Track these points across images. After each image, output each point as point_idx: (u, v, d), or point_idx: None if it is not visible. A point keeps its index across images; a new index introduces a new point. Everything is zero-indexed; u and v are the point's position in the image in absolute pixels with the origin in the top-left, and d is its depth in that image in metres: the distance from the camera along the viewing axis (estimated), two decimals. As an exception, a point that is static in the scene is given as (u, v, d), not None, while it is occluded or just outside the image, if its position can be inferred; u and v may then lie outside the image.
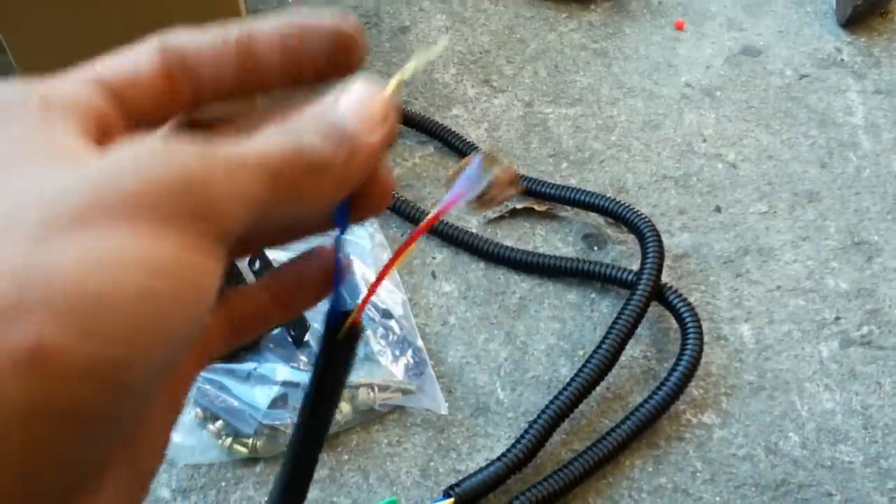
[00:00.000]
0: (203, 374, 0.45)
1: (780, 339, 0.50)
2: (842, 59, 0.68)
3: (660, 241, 0.50)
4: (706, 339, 0.49)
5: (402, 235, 0.54)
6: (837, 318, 0.51)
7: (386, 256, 0.52)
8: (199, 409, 0.44)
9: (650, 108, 0.63)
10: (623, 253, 0.54)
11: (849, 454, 0.45)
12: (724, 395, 0.47)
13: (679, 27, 0.70)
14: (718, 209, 0.57)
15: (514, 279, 0.52)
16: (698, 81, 0.66)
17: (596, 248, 0.54)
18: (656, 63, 0.67)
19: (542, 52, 0.67)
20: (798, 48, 0.69)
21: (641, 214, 0.51)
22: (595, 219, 0.56)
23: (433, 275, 0.52)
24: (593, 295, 0.52)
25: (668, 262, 0.52)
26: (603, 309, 0.51)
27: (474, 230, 0.54)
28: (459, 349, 0.49)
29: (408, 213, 0.54)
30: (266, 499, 0.43)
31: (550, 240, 0.55)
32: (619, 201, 0.52)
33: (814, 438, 0.46)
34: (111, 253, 0.13)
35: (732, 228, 0.56)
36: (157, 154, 0.15)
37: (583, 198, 0.53)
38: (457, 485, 0.42)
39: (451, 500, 0.41)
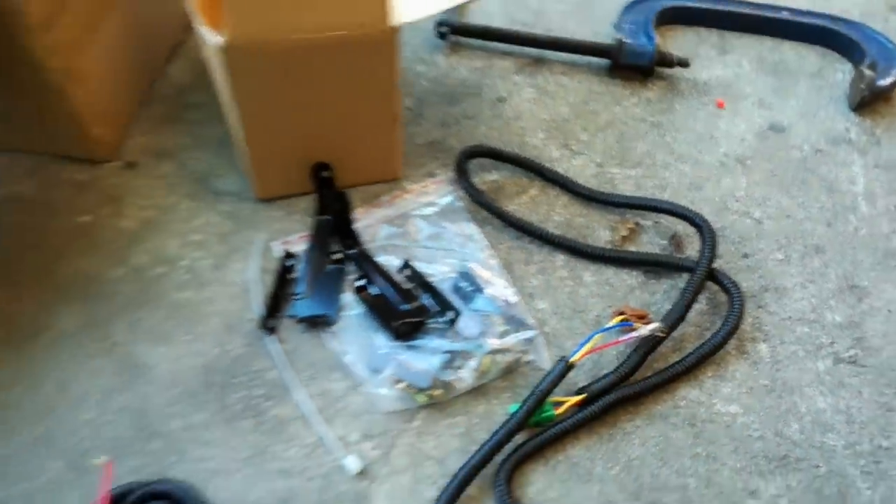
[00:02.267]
0: (390, 348, 0.64)
1: (789, 356, 0.67)
2: (850, 138, 0.86)
3: (713, 235, 0.70)
4: (734, 352, 0.66)
5: (509, 248, 0.72)
6: (832, 343, 0.69)
7: (495, 262, 0.71)
8: (390, 373, 0.63)
9: (695, 172, 0.81)
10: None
11: (834, 440, 0.63)
12: (745, 393, 0.65)
13: (720, 105, 0.88)
14: (746, 255, 0.74)
15: (608, 275, 0.70)
16: (734, 151, 0.83)
17: (676, 248, 0.73)
18: (700, 135, 0.85)
19: (610, 122, 0.86)
20: (815, 127, 0.86)
21: (702, 216, 0.72)
22: (669, 228, 0.73)
23: (530, 296, 0.71)
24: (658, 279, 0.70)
25: (705, 293, 0.70)
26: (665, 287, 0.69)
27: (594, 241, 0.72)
28: (557, 323, 0.67)
29: (516, 224, 0.74)
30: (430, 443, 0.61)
31: (641, 246, 0.73)
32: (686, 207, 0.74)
33: (809, 428, 0.63)
34: None
35: (756, 270, 0.73)
36: None
37: (661, 205, 0.75)
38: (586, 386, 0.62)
39: (584, 395, 0.62)
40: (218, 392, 0.64)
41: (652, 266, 0.72)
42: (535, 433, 0.61)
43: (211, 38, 0.62)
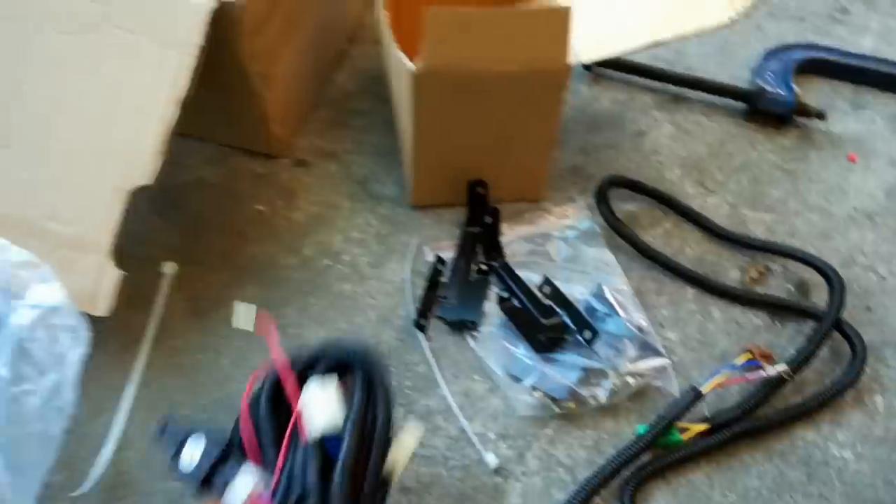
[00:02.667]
0: (530, 358, 0.70)
1: (904, 410, 0.71)
2: (979, 204, 0.88)
3: (843, 286, 0.75)
4: (851, 401, 0.71)
5: (641, 277, 0.78)
6: (948, 403, 0.72)
7: (627, 289, 0.76)
8: (530, 382, 0.69)
9: (824, 223, 0.85)
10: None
11: (943, 496, 0.67)
12: (859, 441, 0.69)
13: (852, 160, 0.91)
14: (868, 309, 0.78)
15: (735, 313, 0.75)
16: (863, 206, 0.87)
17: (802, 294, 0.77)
18: (831, 187, 0.89)
19: (745, 165, 0.90)
20: (945, 189, 0.89)
21: (832, 266, 0.76)
22: (796, 274, 0.78)
23: (660, 325, 0.76)
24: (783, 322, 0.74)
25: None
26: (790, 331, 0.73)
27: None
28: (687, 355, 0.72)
29: (651, 254, 0.79)
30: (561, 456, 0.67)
31: (769, 289, 0.78)
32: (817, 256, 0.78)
33: (919, 481, 0.67)
34: None
35: (878, 325, 0.77)
36: None
37: (793, 252, 0.79)
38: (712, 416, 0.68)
39: (709, 425, 0.67)
40: (372, 379, 0.72)
41: (779, 309, 0.77)
42: (660, 455, 0.67)
43: (405, 63, 0.69)
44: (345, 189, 0.86)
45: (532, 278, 0.78)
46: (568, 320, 0.73)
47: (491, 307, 0.77)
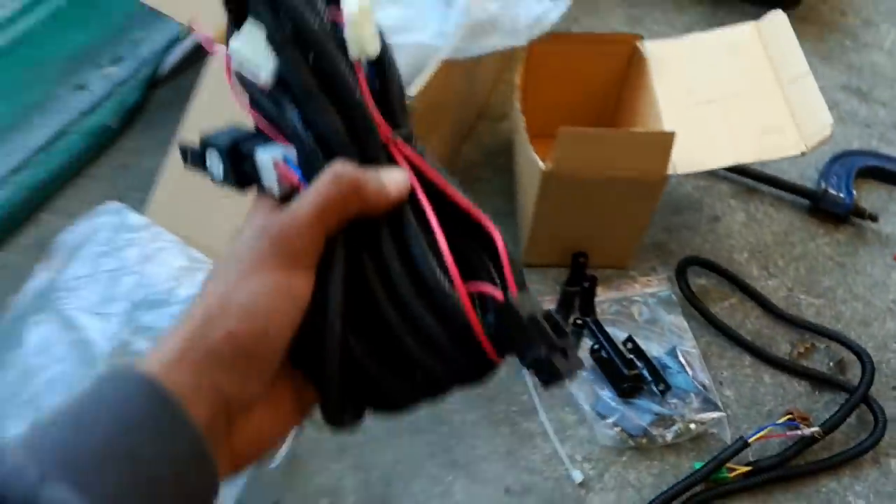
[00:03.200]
0: (613, 400, 0.89)
1: (914, 474, 0.88)
2: None
3: (873, 367, 0.91)
4: (869, 461, 0.88)
5: (708, 342, 0.96)
6: (952, 472, 0.88)
7: (695, 352, 0.94)
8: (612, 420, 0.88)
9: (866, 311, 1.02)
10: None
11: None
12: (872, 494, 0.86)
13: (896, 259, 1.08)
14: (894, 388, 0.95)
15: (783, 380, 0.93)
16: (901, 300, 1.03)
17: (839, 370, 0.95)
18: (876, 281, 1.05)
19: (804, 255, 1.07)
20: (976, 291, 1.05)
21: (866, 350, 0.93)
22: (837, 353, 0.95)
23: (720, 383, 0.94)
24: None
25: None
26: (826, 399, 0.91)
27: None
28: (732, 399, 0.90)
29: (717, 324, 0.96)
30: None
31: (812, 362, 0.95)
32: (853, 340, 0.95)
33: (920, 533, 0.84)
34: (256, 288, 0.32)
35: (902, 402, 0.94)
36: (261, 235, 0.33)
37: (835, 334, 0.96)
38: (754, 461, 0.84)
39: (751, 467, 0.84)
40: (486, 401, 0.92)
41: (819, 381, 0.94)
42: (710, 487, 0.85)
43: (538, 163, 0.89)
44: (469, 244, 1.06)
45: (618, 334, 0.97)
46: (646, 373, 0.92)
47: (583, 354, 0.96)
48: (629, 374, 0.91)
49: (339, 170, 0.33)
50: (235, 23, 0.35)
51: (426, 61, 0.96)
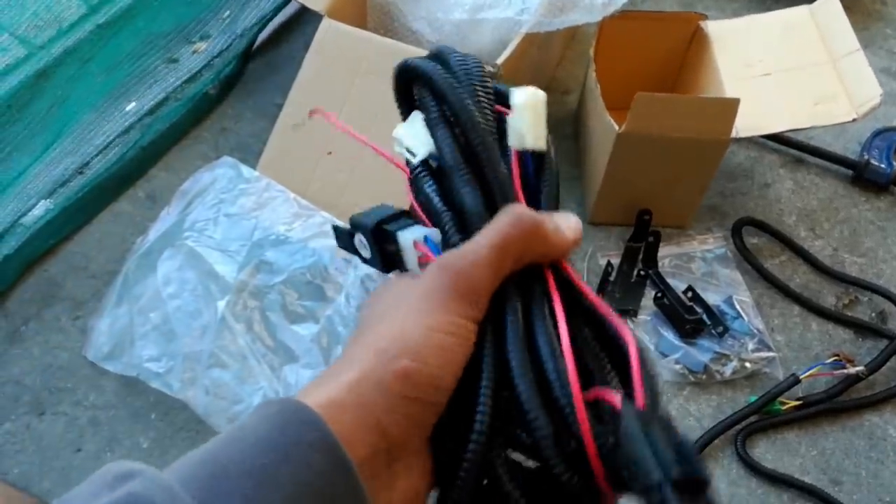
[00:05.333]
0: (676, 341, 0.99)
1: (949, 412, 0.97)
2: None
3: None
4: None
5: (760, 294, 1.05)
6: (984, 411, 0.98)
7: (749, 301, 1.04)
8: (675, 357, 0.98)
9: (905, 270, 1.11)
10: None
11: (970, 473, 0.92)
12: (912, 428, 0.96)
13: (934, 223, 1.17)
14: (932, 337, 1.04)
15: (829, 328, 1.03)
16: (938, 261, 1.13)
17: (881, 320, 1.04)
18: (915, 243, 1.14)
19: (847, 219, 1.17)
20: None
21: None
22: (879, 305, 1.04)
23: (772, 329, 1.04)
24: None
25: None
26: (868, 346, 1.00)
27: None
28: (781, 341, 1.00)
29: (769, 278, 1.06)
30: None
31: (855, 313, 1.04)
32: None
33: (953, 462, 0.93)
34: (432, 325, 0.30)
35: (937, 349, 1.03)
36: (439, 273, 0.31)
37: (877, 288, 1.05)
38: (804, 396, 0.94)
39: (802, 401, 0.93)
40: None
41: (862, 329, 1.03)
42: (764, 417, 0.95)
43: (613, 126, 0.99)
44: (540, 204, 1.16)
45: (678, 285, 1.07)
46: (705, 317, 1.02)
47: (646, 302, 1.06)
48: (690, 318, 1.01)
49: (519, 210, 0.32)
50: (403, 117, 0.39)
51: (510, 35, 1.06)
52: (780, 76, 1.06)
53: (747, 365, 0.99)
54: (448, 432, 0.31)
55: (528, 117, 0.36)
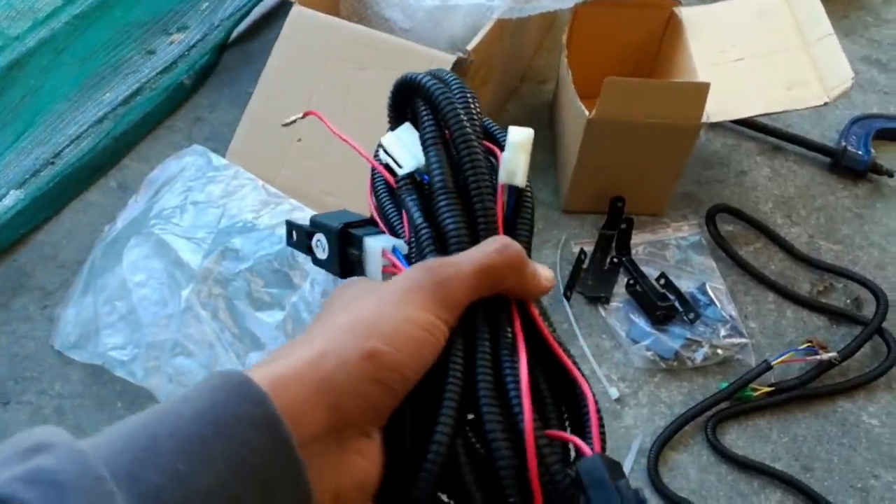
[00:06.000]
0: (647, 327, 0.98)
1: (923, 398, 0.96)
2: None
3: (887, 303, 0.99)
4: (882, 385, 0.96)
5: (734, 281, 1.04)
6: (958, 397, 0.97)
7: (723, 288, 1.03)
8: (645, 344, 0.97)
9: (881, 257, 1.10)
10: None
11: None
12: (885, 414, 0.94)
13: (911, 210, 1.16)
14: (907, 323, 1.03)
15: (803, 314, 1.02)
16: (915, 247, 1.12)
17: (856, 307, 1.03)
18: (891, 230, 1.13)
19: (824, 206, 1.16)
20: (985, 241, 1.13)
21: (881, 288, 1.01)
22: (854, 292, 1.03)
23: (745, 316, 1.03)
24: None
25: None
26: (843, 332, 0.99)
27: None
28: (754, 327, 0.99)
29: (743, 265, 1.05)
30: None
31: (830, 300, 1.04)
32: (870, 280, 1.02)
33: (926, 448, 0.92)
34: (408, 316, 0.30)
35: (912, 336, 1.02)
36: (424, 273, 0.32)
37: (853, 274, 1.04)
38: (777, 382, 0.93)
39: (774, 388, 0.93)
40: (531, 329, 1.01)
41: (837, 316, 1.03)
42: (735, 404, 0.94)
43: (584, 112, 0.98)
44: (514, 192, 1.16)
45: (651, 272, 1.06)
46: (677, 304, 1.01)
47: (618, 289, 1.05)
48: (662, 304, 1.00)
49: (508, 241, 0.34)
50: (392, 126, 0.40)
51: (482, 21, 1.05)
52: (754, 61, 1.05)
53: (719, 351, 0.98)
54: (408, 429, 0.31)
55: (521, 157, 0.36)
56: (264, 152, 1.06)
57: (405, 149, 0.38)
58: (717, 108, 0.98)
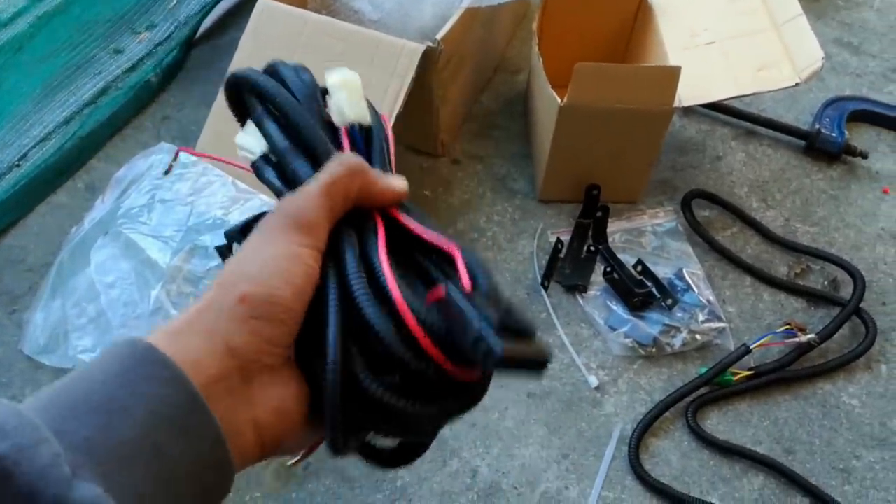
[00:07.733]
0: (625, 315, 0.97)
1: (902, 378, 0.96)
2: None
3: (864, 283, 0.99)
4: (862, 366, 0.96)
5: (711, 266, 1.04)
6: (936, 375, 0.97)
7: (700, 273, 1.03)
8: (623, 331, 0.96)
9: (857, 238, 1.10)
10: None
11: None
12: (865, 395, 0.94)
13: (885, 192, 1.16)
14: (884, 304, 1.03)
15: (781, 297, 1.01)
16: (889, 228, 1.11)
17: (833, 288, 1.03)
18: (866, 211, 1.13)
19: (799, 189, 1.15)
20: (959, 220, 1.13)
21: (858, 269, 1.01)
22: (831, 273, 1.03)
23: (723, 301, 1.02)
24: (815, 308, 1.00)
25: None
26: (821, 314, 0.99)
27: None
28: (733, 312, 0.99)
29: (720, 250, 1.05)
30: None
31: (808, 282, 1.03)
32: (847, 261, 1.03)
33: (906, 427, 0.92)
34: (271, 253, 0.33)
35: (890, 315, 1.01)
36: (274, 212, 0.34)
37: (829, 256, 1.04)
38: (756, 366, 0.92)
39: (753, 371, 0.92)
40: (509, 320, 1.00)
41: (814, 298, 1.02)
42: (715, 389, 0.94)
43: (556, 99, 0.97)
44: (488, 183, 1.15)
45: (628, 260, 1.05)
46: (654, 291, 1.00)
47: (596, 277, 1.04)
48: (639, 291, 1.00)
49: (346, 154, 0.37)
50: (242, 123, 0.42)
51: (451, 11, 1.04)
52: (725, 44, 1.04)
53: (697, 337, 0.97)
54: (310, 352, 0.34)
55: (343, 94, 0.39)
56: (233, 148, 1.03)
57: (252, 138, 0.40)
58: (689, 93, 0.97)
